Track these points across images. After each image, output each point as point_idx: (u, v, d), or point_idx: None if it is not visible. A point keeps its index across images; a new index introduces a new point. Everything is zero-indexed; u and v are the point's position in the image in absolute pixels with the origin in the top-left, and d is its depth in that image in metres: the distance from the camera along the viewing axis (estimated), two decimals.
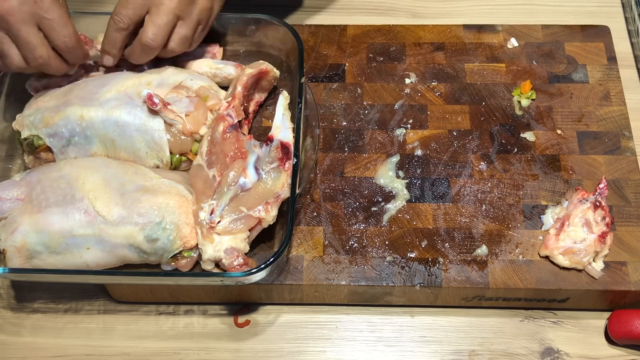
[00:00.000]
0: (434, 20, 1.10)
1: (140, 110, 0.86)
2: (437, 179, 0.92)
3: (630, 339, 0.84)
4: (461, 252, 0.86)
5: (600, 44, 1.02)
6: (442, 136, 0.95)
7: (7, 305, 0.91)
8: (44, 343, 0.88)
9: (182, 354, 0.87)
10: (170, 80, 0.90)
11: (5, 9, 0.81)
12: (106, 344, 0.88)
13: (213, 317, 0.89)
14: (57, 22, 0.83)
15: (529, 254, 0.86)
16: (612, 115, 0.96)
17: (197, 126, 0.87)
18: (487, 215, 0.89)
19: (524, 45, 1.02)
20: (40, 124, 0.87)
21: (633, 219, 0.88)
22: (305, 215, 0.89)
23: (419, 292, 0.86)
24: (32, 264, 0.82)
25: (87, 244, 0.81)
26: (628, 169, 0.92)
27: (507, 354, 0.86)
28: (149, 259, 0.82)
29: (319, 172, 0.92)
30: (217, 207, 0.81)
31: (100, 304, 0.90)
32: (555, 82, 0.99)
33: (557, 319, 0.88)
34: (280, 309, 0.89)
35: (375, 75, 1.00)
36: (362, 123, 0.96)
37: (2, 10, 0.81)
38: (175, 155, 0.88)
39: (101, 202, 0.81)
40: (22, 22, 0.82)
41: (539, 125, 0.96)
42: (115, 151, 0.87)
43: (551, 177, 0.92)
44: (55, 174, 0.84)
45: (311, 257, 0.86)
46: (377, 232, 0.88)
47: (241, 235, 0.81)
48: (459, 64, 1.01)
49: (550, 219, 0.88)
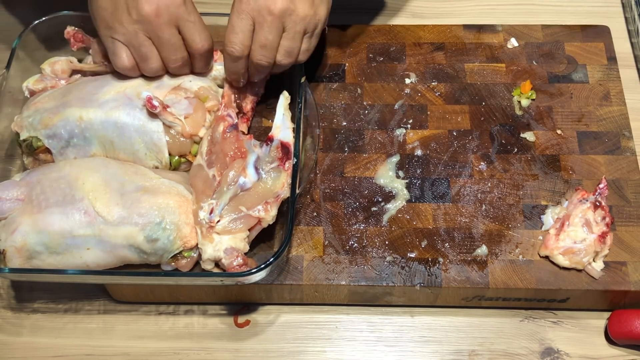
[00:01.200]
0: (434, 20, 1.10)
1: (139, 112, 0.86)
2: (437, 179, 0.92)
3: (630, 339, 0.84)
4: (461, 252, 0.86)
5: (600, 44, 1.02)
6: (442, 136, 0.95)
7: (7, 305, 0.91)
8: (43, 343, 0.88)
9: (182, 354, 0.87)
10: (169, 81, 0.89)
11: (153, 9, 0.82)
12: (106, 344, 0.88)
13: (213, 317, 0.89)
14: (198, 24, 0.85)
15: (529, 254, 0.86)
16: (612, 115, 0.96)
17: (196, 128, 0.87)
18: (487, 215, 0.89)
19: (524, 45, 1.02)
20: (39, 125, 0.87)
21: (633, 219, 0.88)
22: (305, 215, 0.89)
23: (419, 292, 0.86)
24: (32, 264, 0.82)
25: (87, 245, 0.81)
26: (628, 169, 0.92)
27: (507, 354, 0.86)
28: (149, 259, 0.82)
29: (319, 172, 0.92)
30: (217, 207, 0.82)
31: (100, 304, 0.90)
32: (555, 82, 0.99)
33: (557, 319, 0.88)
34: (280, 309, 0.89)
35: (375, 75, 1.00)
36: (362, 123, 0.96)
37: (150, 11, 0.82)
38: (174, 156, 0.88)
39: (101, 202, 0.81)
40: (168, 23, 0.83)
41: (539, 125, 0.96)
42: (114, 152, 0.87)
43: (551, 177, 0.92)
44: (55, 174, 0.84)
45: (311, 257, 0.86)
46: (377, 232, 0.88)
47: (241, 235, 0.82)
48: (459, 64, 1.01)
49: (550, 219, 0.88)
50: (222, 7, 1.12)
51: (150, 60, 0.86)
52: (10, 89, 0.92)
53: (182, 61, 0.87)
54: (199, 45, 0.86)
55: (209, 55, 0.89)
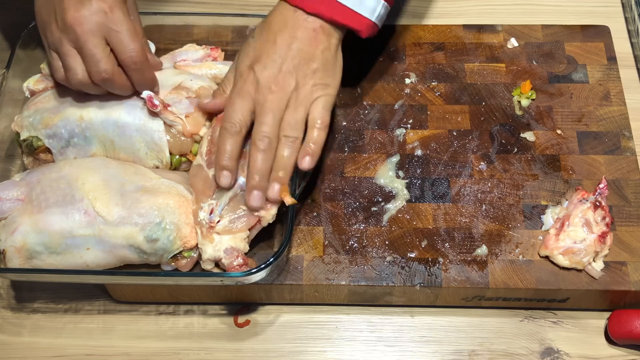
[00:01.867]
0: (434, 20, 1.10)
1: (139, 111, 0.86)
2: (437, 179, 0.92)
3: (630, 339, 0.84)
4: (461, 252, 0.86)
5: (600, 44, 1.02)
6: (442, 136, 0.95)
7: (7, 305, 0.91)
8: (43, 343, 0.88)
9: (182, 354, 0.87)
10: (170, 81, 0.89)
11: (74, 18, 0.78)
12: (106, 344, 0.88)
13: (213, 317, 0.89)
14: (125, 35, 0.80)
15: (529, 254, 0.86)
16: (612, 115, 0.96)
17: (197, 127, 0.87)
18: (487, 215, 0.89)
19: (524, 45, 1.03)
20: (39, 125, 0.87)
21: (633, 219, 0.88)
22: (305, 215, 0.89)
23: (419, 292, 0.86)
24: (32, 264, 0.82)
25: (87, 245, 0.81)
26: (628, 169, 0.92)
27: (507, 354, 0.86)
28: (149, 259, 0.82)
29: (319, 172, 0.92)
30: (217, 207, 0.82)
31: (100, 304, 0.90)
32: (555, 82, 0.99)
33: (557, 319, 0.88)
34: (280, 309, 0.89)
35: (375, 75, 1.00)
36: (362, 123, 0.96)
37: (71, 19, 0.78)
38: (175, 156, 0.88)
39: (101, 202, 0.81)
40: (90, 33, 0.79)
41: (539, 125, 0.96)
42: (114, 152, 0.87)
43: (551, 177, 0.92)
44: (55, 174, 0.84)
45: (311, 257, 0.86)
46: (377, 232, 0.88)
47: (241, 234, 0.81)
48: (459, 64, 1.01)
49: (550, 219, 0.88)
50: (222, 7, 1.12)
51: (73, 71, 0.81)
52: (10, 89, 0.92)
53: (107, 74, 0.80)
54: (124, 56, 0.81)
55: (142, 68, 0.83)
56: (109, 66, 0.81)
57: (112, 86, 0.83)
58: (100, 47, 0.80)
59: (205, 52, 0.95)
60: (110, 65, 0.81)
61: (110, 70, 0.81)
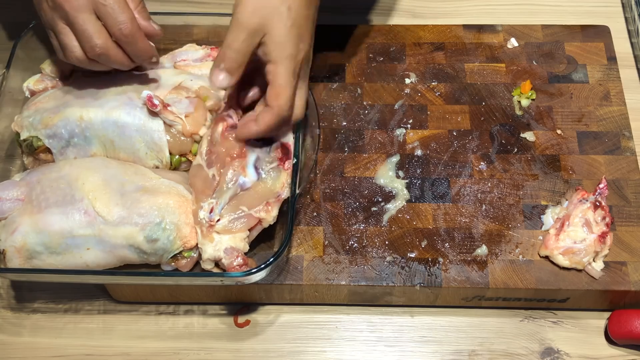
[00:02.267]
0: (434, 20, 1.10)
1: (139, 111, 0.86)
2: (437, 179, 0.92)
3: (630, 339, 0.84)
4: (461, 252, 0.86)
5: (600, 44, 1.02)
6: (442, 136, 0.95)
7: (7, 305, 0.91)
8: (43, 343, 0.88)
9: (182, 354, 0.87)
10: (170, 80, 0.89)
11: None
12: (106, 344, 0.88)
13: (213, 317, 0.89)
14: (113, 7, 0.79)
15: (529, 254, 0.86)
16: (612, 115, 0.96)
17: (196, 127, 0.87)
18: (487, 215, 0.89)
19: (524, 45, 1.03)
20: (39, 125, 0.87)
21: (633, 219, 0.88)
22: (305, 215, 0.89)
23: (419, 292, 0.86)
24: (32, 264, 0.82)
25: (87, 245, 0.81)
26: (628, 169, 0.92)
27: (507, 354, 0.86)
28: (149, 259, 0.82)
29: (319, 172, 0.92)
30: (217, 206, 0.82)
31: (100, 304, 0.90)
32: (555, 82, 0.99)
33: (557, 319, 0.88)
34: (280, 309, 0.89)
35: (375, 75, 1.00)
36: (362, 123, 0.96)
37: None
38: (175, 156, 0.88)
39: (101, 202, 0.81)
40: (78, 9, 0.79)
41: (539, 125, 0.96)
42: (114, 152, 0.87)
43: (551, 177, 0.92)
44: (55, 174, 0.84)
45: (311, 257, 0.86)
46: (377, 232, 0.88)
47: (241, 234, 0.81)
48: (459, 64, 1.01)
49: (550, 219, 0.88)
50: (222, 7, 1.12)
51: (69, 48, 0.81)
52: (10, 89, 0.92)
53: (101, 49, 0.80)
54: (114, 29, 0.80)
55: (133, 40, 0.82)
56: (101, 41, 0.80)
57: (108, 60, 0.82)
58: (91, 23, 0.80)
59: (205, 52, 0.95)
60: (103, 40, 0.80)
61: (104, 45, 0.80)
